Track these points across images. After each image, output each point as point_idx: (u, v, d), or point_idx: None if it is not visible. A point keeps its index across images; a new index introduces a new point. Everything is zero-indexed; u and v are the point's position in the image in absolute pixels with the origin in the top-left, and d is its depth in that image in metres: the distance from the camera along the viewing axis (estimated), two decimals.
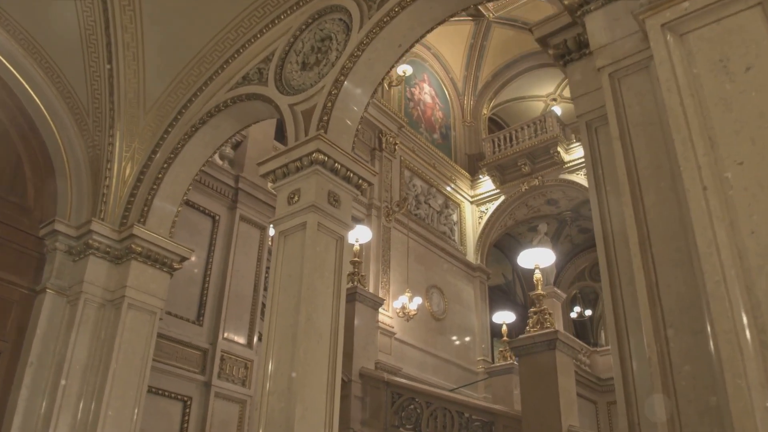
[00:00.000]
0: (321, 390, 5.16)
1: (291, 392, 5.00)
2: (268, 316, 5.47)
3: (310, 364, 5.17)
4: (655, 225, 3.56)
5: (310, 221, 5.61)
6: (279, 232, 5.80)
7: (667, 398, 3.14)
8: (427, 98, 20.92)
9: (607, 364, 17.38)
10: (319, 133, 5.85)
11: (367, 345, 11.95)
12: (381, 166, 18.12)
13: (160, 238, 7.46)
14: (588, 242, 21.95)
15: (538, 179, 19.65)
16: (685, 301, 3.30)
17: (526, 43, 20.68)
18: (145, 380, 7.08)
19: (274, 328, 5.38)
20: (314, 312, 5.35)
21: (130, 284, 7.18)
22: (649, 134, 3.78)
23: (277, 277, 5.58)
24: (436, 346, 17.97)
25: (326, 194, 5.82)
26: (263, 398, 5.16)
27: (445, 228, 19.80)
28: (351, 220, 6.00)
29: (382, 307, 16.78)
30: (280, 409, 5.03)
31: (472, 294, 19.75)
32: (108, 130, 7.55)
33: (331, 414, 5.13)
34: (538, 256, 10.98)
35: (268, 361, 5.28)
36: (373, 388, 11.36)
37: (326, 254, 5.68)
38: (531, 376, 10.26)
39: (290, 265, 5.58)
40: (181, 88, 7.60)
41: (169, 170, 7.58)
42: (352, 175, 6.02)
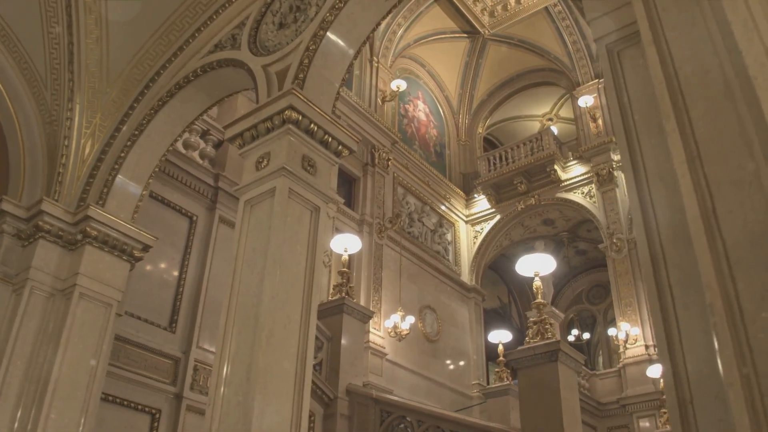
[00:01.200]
0: (287, 381, 4.23)
1: (250, 382, 4.07)
2: (228, 295, 4.56)
3: (275, 351, 4.25)
4: (707, 143, 2.67)
5: (280, 186, 4.73)
6: (245, 202, 4.91)
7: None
8: (421, 115, 20.17)
9: (607, 388, 16.36)
10: (292, 87, 4.98)
11: (354, 360, 10.92)
12: (373, 182, 17.30)
13: (119, 222, 6.55)
14: (585, 264, 21.04)
15: (535, 198, 18.81)
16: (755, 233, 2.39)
17: (521, 61, 20.06)
18: (98, 382, 6.11)
19: (234, 309, 4.47)
20: (282, 291, 4.43)
21: (83, 272, 6.24)
22: (693, 36, 2.91)
23: (239, 252, 4.68)
24: (429, 368, 16.93)
25: (300, 158, 4.94)
26: (218, 390, 4.22)
27: (439, 247, 18.89)
28: (330, 192, 5.11)
29: (373, 327, 15.84)
30: (237, 403, 4.10)
31: (467, 315, 18.77)
32: (67, 103, 6.69)
33: (299, 409, 4.18)
34: (538, 263, 10.03)
35: (225, 347, 4.36)
36: (360, 405, 10.33)
37: (299, 226, 4.78)
38: (531, 390, 9.23)
39: (256, 237, 4.68)
40: (149, 59, 6.77)
41: (133, 148, 6.71)
42: (330, 139, 5.15)
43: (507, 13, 19.23)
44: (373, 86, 18.36)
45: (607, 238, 17.30)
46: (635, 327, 16.01)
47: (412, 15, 18.78)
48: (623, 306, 16.50)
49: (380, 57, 18.67)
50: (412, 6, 18.59)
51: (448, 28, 19.50)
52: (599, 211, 17.78)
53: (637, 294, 16.42)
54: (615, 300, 16.79)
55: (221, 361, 4.33)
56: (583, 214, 18.48)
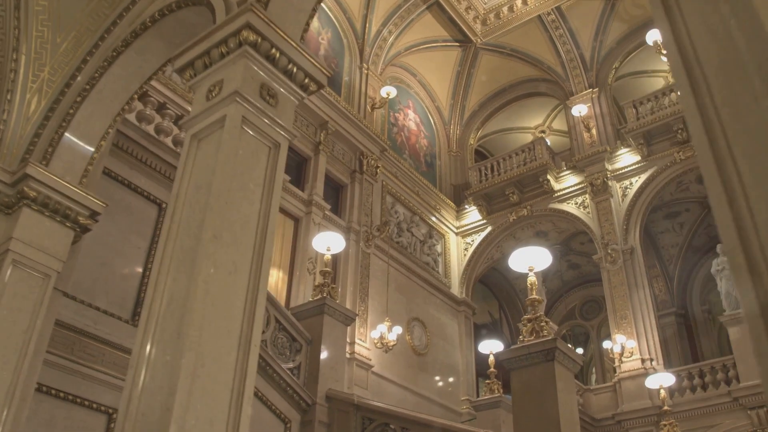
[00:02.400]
0: (228, 339, 3.36)
1: (182, 338, 3.20)
2: (162, 241, 3.71)
3: (216, 303, 3.38)
4: None
5: (232, 113, 3.91)
6: (191, 136, 4.08)
7: None
8: (411, 125, 19.44)
9: (602, 403, 15.41)
10: (250, 2, 4.18)
11: (336, 365, 9.98)
12: (361, 189, 16.51)
13: (63, 184, 5.69)
14: (578, 279, 20.18)
15: (527, 209, 18.02)
16: None
17: (514, 70, 19.44)
18: (28, 360, 5.19)
19: (169, 256, 3.61)
20: (228, 232, 3.59)
21: (18, 236, 5.37)
22: None
23: (180, 191, 3.85)
24: (417, 382, 15.97)
25: (258, 87, 4.13)
26: (143, 349, 3.35)
27: (429, 258, 18.03)
28: (293, 129, 4.28)
29: (358, 338, 14.92)
30: (164, 363, 3.23)
31: (457, 329, 17.85)
32: (11, 53, 5.87)
33: (242, 374, 3.31)
34: (532, 256, 9.16)
35: (156, 299, 3.49)
36: (340, 412, 9.39)
37: (253, 161, 3.95)
38: (525, 392, 8.30)
39: (200, 174, 3.85)
40: (105, 6, 5.97)
41: (84, 104, 5.88)
42: (295, 69, 4.34)
43: (500, 21, 18.63)
44: (363, 93, 17.66)
45: (601, 249, 16.50)
46: (631, 340, 15.12)
47: (403, 22, 18.16)
48: (618, 318, 15.63)
49: (370, 64, 18.00)
50: (403, 13, 17.99)
51: (439, 36, 18.89)
52: (593, 221, 17.01)
53: (632, 306, 15.57)
54: (610, 312, 15.93)
55: (149, 314, 3.46)
56: (576, 226, 17.69)
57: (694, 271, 18.79)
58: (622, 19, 18.09)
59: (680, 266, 18.61)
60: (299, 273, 14.23)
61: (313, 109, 15.63)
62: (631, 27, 18.16)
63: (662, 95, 16.89)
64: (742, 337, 14.34)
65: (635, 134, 16.70)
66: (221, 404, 3.20)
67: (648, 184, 16.64)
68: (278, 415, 8.62)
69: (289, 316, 9.36)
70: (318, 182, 15.38)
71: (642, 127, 16.60)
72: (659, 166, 16.59)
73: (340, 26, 17.72)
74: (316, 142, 15.76)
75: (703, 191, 17.26)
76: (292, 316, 9.53)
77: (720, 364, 14.65)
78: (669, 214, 17.96)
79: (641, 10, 17.34)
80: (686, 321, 18.37)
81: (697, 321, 18.40)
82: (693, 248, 18.52)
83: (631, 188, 16.87)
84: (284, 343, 9.22)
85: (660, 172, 16.57)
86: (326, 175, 15.88)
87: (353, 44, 17.90)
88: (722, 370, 14.48)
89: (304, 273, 14.38)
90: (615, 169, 17.25)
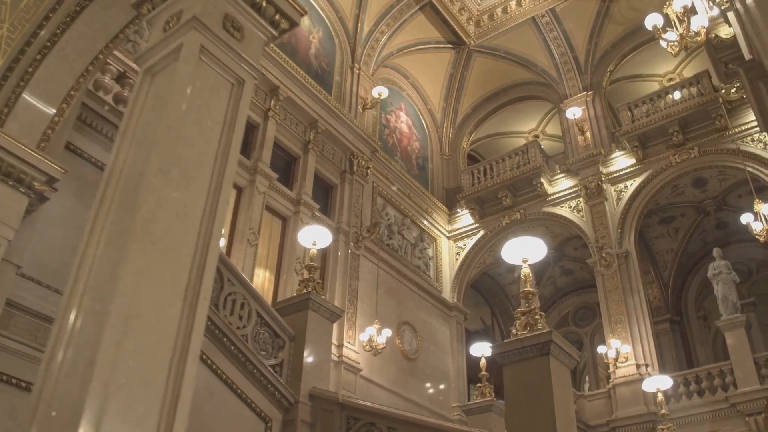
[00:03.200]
0: (173, 289, 2.82)
1: (114, 281, 2.66)
2: (104, 181, 3.18)
3: (159, 246, 2.85)
4: None
5: (189, 41, 3.39)
6: (144, 71, 3.56)
7: None
8: (403, 127, 18.97)
9: (596, 409, 14.83)
10: None
11: (320, 363, 9.38)
12: (351, 190, 15.99)
13: (18, 145, 5.14)
14: (572, 285, 19.65)
15: (520, 213, 17.53)
16: None
17: (507, 73, 19.02)
18: None
19: (109, 197, 3.08)
20: (176, 169, 3.06)
21: None
22: None
23: (128, 129, 3.31)
24: (407, 387, 15.37)
25: (221, 17, 3.61)
26: (71, 299, 2.81)
27: (420, 262, 17.49)
28: (259, 66, 3.77)
29: (347, 341, 14.33)
30: (94, 312, 2.68)
31: (448, 334, 17.28)
32: None
33: (187, 330, 2.76)
34: (526, 247, 8.61)
35: (90, 242, 2.96)
36: (324, 411, 8.79)
37: (212, 96, 3.43)
38: (519, 388, 7.70)
39: (152, 110, 3.32)
40: None
41: (44, 63, 5.36)
42: (264, 3, 3.83)
43: (493, 22, 18.21)
44: (354, 93, 17.19)
45: (595, 253, 15.99)
46: (626, 344, 14.57)
47: (396, 23, 17.74)
48: (613, 323, 15.09)
49: (362, 64, 17.55)
50: (395, 13, 17.57)
51: (432, 37, 18.46)
52: (587, 225, 16.52)
53: (627, 311, 15.05)
54: (604, 317, 15.39)
55: (83, 259, 2.93)
56: (570, 230, 17.20)
57: (689, 278, 18.30)
58: (616, 22, 17.70)
59: (675, 272, 18.11)
60: (286, 274, 13.68)
61: (303, 107, 15.16)
62: (626, 30, 17.77)
63: (658, 97, 16.48)
64: (739, 342, 13.85)
65: (630, 137, 16.26)
66: (160, 362, 2.66)
67: (643, 187, 16.18)
68: (258, 414, 8.02)
69: (272, 310, 8.79)
70: (307, 181, 14.87)
71: (637, 129, 16.17)
72: (654, 170, 16.14)
73: (332, 26, 17.29)
74: (306, 140, 15.27)
75: (698, 195, 16.83)
76: (274, 311, 8.95)
77: (716, 369, 14.12)
78: (664, 218, 17.48)
79: (636, 12, 16.94)
80: (681, 328, 17.84)
81: (692, 328, 17.88)
82: (688, 254, 18.04)
83: (625, 192, 16.40)
84: (266, 338, 8.64)
85: (655, 175, 16.11)
86: (315, 174, 15.37)
87: (345, 44, 17.46)
88: (719, 376, 13.95)
89: (292, 273, 13.81)
90: (609, 172, 16.79)
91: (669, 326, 17.63)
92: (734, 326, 13.92)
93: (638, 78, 18.75)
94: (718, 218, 17.24)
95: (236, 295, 8.14)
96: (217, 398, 7.43)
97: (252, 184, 13.48)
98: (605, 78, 18.32)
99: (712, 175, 16.11)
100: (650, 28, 8.80)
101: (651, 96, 16.67)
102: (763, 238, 11.47)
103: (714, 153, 15.48)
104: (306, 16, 16.99)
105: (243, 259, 12.76)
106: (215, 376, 7.44)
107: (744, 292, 16.02)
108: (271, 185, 13.85)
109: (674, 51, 8.56)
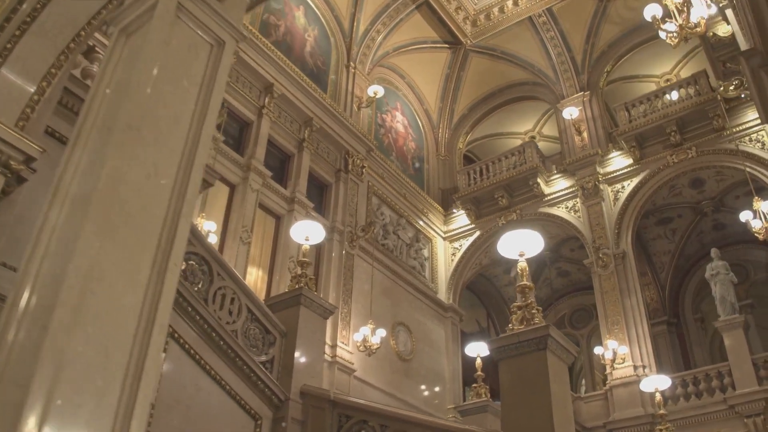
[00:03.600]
0: (141, 253, 2.58)
1: (76, 241, 2.42)
2: (70, 145, 2.94)
3: (126, 207, 2.61)
4: None
5: None
6: (119, 32, 3.33)
7: None
8: (399, 127, 18.76)
9: (592, 411, 14.57)
10: None
11: (312, 360, 9.12)
12: (346, 189, 15.76)
13: None
14: (568, 287, 19.41)
15: (516, 213, 17.31)
16: None
17: (504, 74, 18.84)
18: None
19: (76, 157, 2.84)
20: (148, 128, 2.83)
21: None
22: None
23: (98, 91, 3.08)
24: (401, 389, 15.11)
25: None
26: (31, 263, 2.57)
27: (415, 262, 17.25)
28: (242, 29, 3.54)
29: (340, 341, 14.07)
30: (53, 276, 2.44)
31: (443, 336, 17.03)
32: None
33: (155, 297, 2.53)
34: (523, 240, 8.35)
35: (53, 204, 2.72)
36: (315, 409, 8.52)
37: (190, 56, 3.20)
38: (515, 384, 7.43)
39: (124, 70, 3.09)
40: None
41: (24, 38, 5.12)
42: None
43: (490, 22, 18.04)
44: (349, 92, 16.99)
45: (592, 253, 15.77)
46: (623, 345, 14.33)
47: (392, 22, 17.55)
48: (610, 324, 14.86)
49: (357, 63, 17.35)
50: (391, 12, 17.39)
51: (429, 37, 18.27)
52: (584, 225, 16.30)
53: (624, 312, 14.82)
54: (601, 318, 15.16)
55: (44, 222, 2.68)
56: (566, 231, 16.98)
57: (686, 280, 18.08)
58: (614, 22, 17.54)
59: (672, 274, 17.89)
60: (280, 273, 13.43)
61: (298, 105, 14.95)
62: (623, 30, 17.61)
63: (655, 97, 16.30)
64: (737, 343, 13.62)
65: (627, 136, 16.07)
66: (123, 331, 2.42)
67: (640, 187, 15.98)
68: (248, 411, 7.75)
69: (263, 306, 8.53)
70: (301, 179, 14.65)
71: (634, 129, 15.99)
72: (652, 170, 15.94)
73: (328, 24, 17.10)
74: (300, 138, 15.06)
75: (696, 196, 16.63)
76: (266, 306, 8.69)
77: (715, 371, 13.88)
78: (661, 219, 17.27)
79: (633, 12, 16.77)
80: (678, 330, 17.60)
81: (689, 330, 17.64)
82: (685, 256, 17.83)
83: (623, 192, 16.20)
84: (257, 334, 8.37)
85: (652, 175, 15.92)
86: (310, 173, 15.15)
87: (340, 43, 17.26)
88: (717, 377, 13.71)
89: (285, 272, 13.56)
90: (606, 172, 16.60)
91: (666, 328, 17.40)
92: (732, 327, 13.69)
93: (635, 79, 18.58)
94: (715, 219, 17.04)
95: (226, 290, 7.89)
96: (205, 394, 7.17)
97: (245, 181, 13.26)
98: (602, 78, 18.14)
99: (709, 175, 15.92)
100: (649, 19, 8.59)
101: (648, 96, 16.49)
102: (762, 236, 11.25)
103: (712, 153, 15.30)
104: (301, 13, 16.88)
105: (235, 257, 12.52)
106: (203, 371, 7.18)
107: (741, 294, 15.78)
108: (264, 183, 13.63)
109: (673, 42, 8.34)
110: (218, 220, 12.47)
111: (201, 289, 7.44)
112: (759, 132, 14.69)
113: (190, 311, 6.88)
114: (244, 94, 13.86)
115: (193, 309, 6.87)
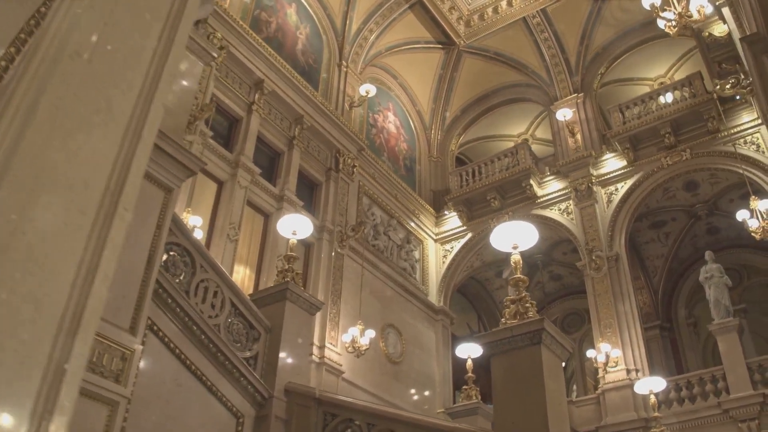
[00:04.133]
0: (85, 193, 2.22)
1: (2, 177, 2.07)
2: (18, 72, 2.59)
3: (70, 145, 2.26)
4: None
5: None
6: None
7: None
8: (391, 127, 18.46)
9: (584, 416, 14.22)
10: None
11: (298, 357, 8.74)
12: (337, 188, 15.44)
13: None
14: (560, 291, 19.12)
15: (508, 215, 16.96)
16: None
17: (497, 75, 18.59)
18: None
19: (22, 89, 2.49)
20: (101, 59, 2.45)
21: None
22: None
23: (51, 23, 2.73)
24: (391, 391, 14.74)
25: None
26: None
27: (406, 264, 16.92)
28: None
29: (329, 342, 13.70)
30: None
31: (434, 338, 16.68)
32: None
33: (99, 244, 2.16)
34: (517, 232, 8.01)
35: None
36: (300, 407, 8.15)
37: None
38: (508, 380, 7.09)
39: None
40: None
41: None
42: None
43: (484, 23, 17.79)
44: (341, 91, 16.69)
45: (585, 256, 15.47)
46: (616, 349, 14.00)
47: (385, 21, 17.29)
48: (602, 327, 14.55)
49: (349, 62, 17.06)
50: (384, 12, 17.13)
51: (422, 37, 18.02)
52: (577, 227, 16.01)
53: (617, 314, 14.51)
54: (594, 321, 14.84)
55: None
56: (559, 233, 16.69)
57: (680, 284, 17.80)
58: (608, 24, 17.32)
59: (665, 278, 17.62)
60: (267, 271, 13.07)
61: (288, 102, 14.64)
62: (617, 32, 17.40)
63: (649, 99, 16.07)
64: (732, 346, 13.31)
65: (621, 138, 15.82)
66: (59, 280, 2.06)
67: (634, 189, 15.72)
68: (229, 409, 7.35)
69: (247, 300, 8.16)
70: (291, 177, 14.31)
71: (628, 131, 15.74)
72: (645, 172, 15.69)
73: (320, 22, 16.82)
74: (290, 136, 14.73)
75: (690, 199, 16.38)
76: (250, 301, 8.32)
77: (709, 375, 13.58)
78: (654, 223, 17.01)
79: (628, 14, 16.59)
80: (671, 334, 17.32)
81: (682, 334, 17.35)
82: (678, 260, 17.56)
83: (616, 194, 15.94)
84: (240, 330, 7.99)
85: (646, 177, 15.66)
86: (300, 171, 14.81)
87: (332, 41, 16.98)
88: (711, 381, 13.40)
89: (273, 271, 13.18)
90: (600, 174, 16.33)
91: (659, 333, 17.11)
92: (727, 330, 13.40)
93: (629, 81, 18.37)
94: (709, 223, 16.79)
95: (209, 282, 7.50)
96: (185, 391, 6.77)
97: (233, 177, 12.91)
98: (596, 80, 17.92)
99: (703, 178, 15.67)
100: (648, 7, 8.33)
101: (642, 97, 16.26)
102: (759, 236, 10.97)
103: (706, 155, 15.07)
104: (293, 10, 16.59)
105: (222, 254, 12.15)
106: (184, 366, 6.78)
107: (735, 299, 15.53)
108: (253, 180, 13.29)
109: (672, 31, 8.08)
110: (205, 217, 12.11)
111: (182, 281, 7.07)
112: (754, 134, 14.47)
113: (170, 303, 6.50)
114: (233, 89, 13.53)
115: (173, 301, 6.51)
